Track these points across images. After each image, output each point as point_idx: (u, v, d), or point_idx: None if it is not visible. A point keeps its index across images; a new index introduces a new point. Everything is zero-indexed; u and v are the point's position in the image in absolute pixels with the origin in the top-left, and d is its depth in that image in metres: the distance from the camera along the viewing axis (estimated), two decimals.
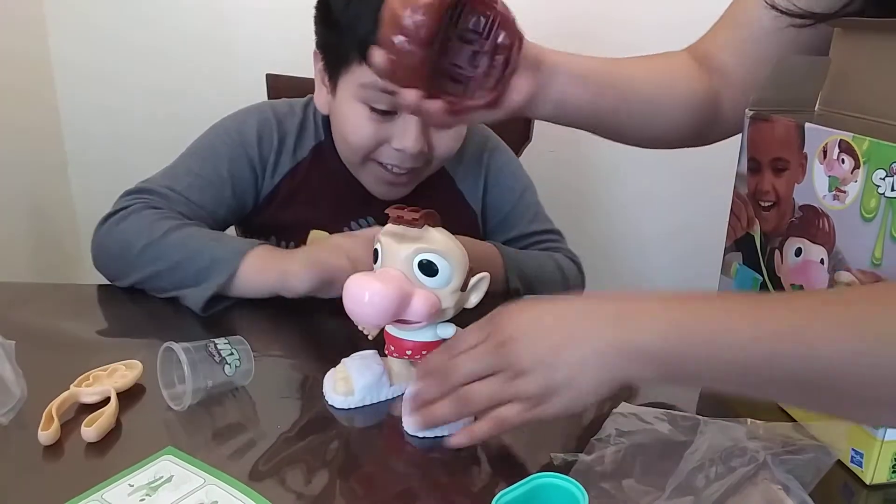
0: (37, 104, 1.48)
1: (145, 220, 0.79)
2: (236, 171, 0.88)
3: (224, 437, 0.56)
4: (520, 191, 1.00)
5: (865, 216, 0.52)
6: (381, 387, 0.61)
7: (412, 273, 0.56)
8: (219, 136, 0.89)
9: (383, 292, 0.54)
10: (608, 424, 0.55)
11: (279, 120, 0.91)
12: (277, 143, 0.90)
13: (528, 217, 0.99)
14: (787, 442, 0.50)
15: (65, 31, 1.47)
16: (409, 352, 0.60)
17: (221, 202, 0.87)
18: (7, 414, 0.56)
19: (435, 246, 0.56)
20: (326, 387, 0.61)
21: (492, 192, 0.98)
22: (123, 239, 0.78)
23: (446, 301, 0.58)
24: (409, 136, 0.80)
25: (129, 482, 0.49)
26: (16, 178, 1.37)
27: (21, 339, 0.61)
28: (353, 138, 0.83)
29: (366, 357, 0.63)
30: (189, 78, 1.48)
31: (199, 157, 0.88)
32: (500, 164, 0.99)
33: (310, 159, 0.91)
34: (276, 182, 0.90)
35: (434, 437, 0.56)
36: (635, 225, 1.63)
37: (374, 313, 0.55)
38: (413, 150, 0.81)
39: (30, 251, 1.44)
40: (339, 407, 0.60)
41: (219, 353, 0.60)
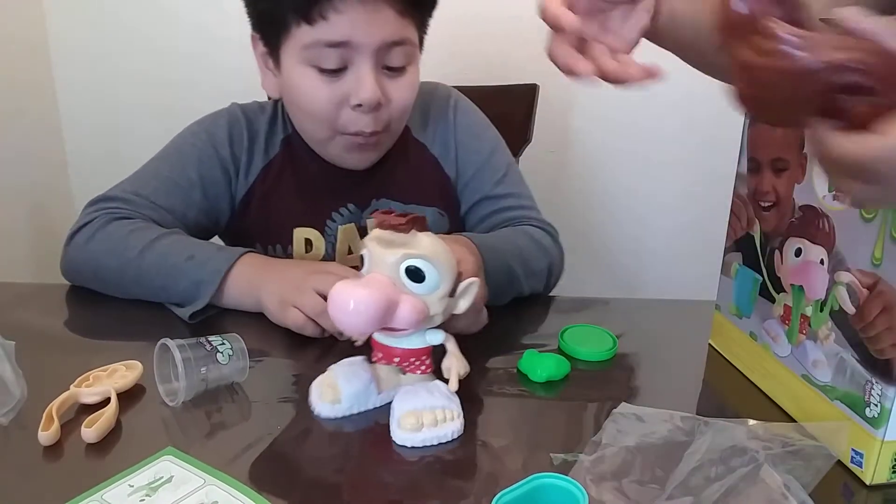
0: (36, 101, 1.47)
1: (114, 237, 0.78)
2: (206, 172, 0.86)
3: (224, 438, 0.56)
4: (488, 152, 0.95)
5: (865, 216, 0.52)
6: (370, 394, 0.60)
7: (399, 279, 0.55)
8: (186, 139, 0.88)
9: (368, 300, 0.52)
10: (608, 424, 0.55)
11: (249, 119, 0.90)
12: (248, 142, 0.89)
13: (495, 178, 0.94)
14: (787, 442, 0.50)
15: (65, 25, 1.47)
16: (398, 359, 0.59)
17: (191, 204, 0.85)
18: (7, 414, 0.56)
19: (422, 251, 0.55)
20: (313, 395, 0.60)
21: (460, 155, 0.95)
22: (94, 260, 0.78)
23: (434, 307, 0.56)
24: (364, 86, 0.78)
25: (129, 482, 0.49)
26: (15, 177, 1.37)
27: (21, 339, 0.62)
28: (311, 106, 0.82)
29: (353, 364, 0.61)
30: (190, 74, 1.48)
31: (167, 161, 0.87)
32: (466, 124, 0.96)
33: (281, 154, 0.90)
34: (250, 183, 0.89)
35: (423, 447, 0.55)
36: (635, 225, 1.63)
37: (359, 321, 0.53)
38: (372, 100, 0.78)
39: (30, 251, 1.44)
40: (326, 416, 0.58)
41: (211, 344, 0.60)
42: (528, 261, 0.83)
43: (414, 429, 0.55)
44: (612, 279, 1.62)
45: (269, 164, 0.90)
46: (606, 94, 1.64)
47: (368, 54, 0.77)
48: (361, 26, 0.76)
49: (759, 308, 0.66)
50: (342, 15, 0.75)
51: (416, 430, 0.55)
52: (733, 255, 0.70)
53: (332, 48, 0.77)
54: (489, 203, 0.94)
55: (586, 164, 1.59)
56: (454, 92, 0.98)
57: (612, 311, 0.86)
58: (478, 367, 0.70)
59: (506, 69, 1.41)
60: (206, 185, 0.86)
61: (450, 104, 0.96)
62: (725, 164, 0.78)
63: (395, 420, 0.56)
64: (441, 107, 0.95)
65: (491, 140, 0.97)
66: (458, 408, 0.58)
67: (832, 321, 0.56)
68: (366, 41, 0.77)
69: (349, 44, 0.76)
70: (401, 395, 0.57)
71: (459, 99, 0.97)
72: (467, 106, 0.98)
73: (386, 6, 0.76)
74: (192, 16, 1.45)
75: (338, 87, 0.79)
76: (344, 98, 0.80)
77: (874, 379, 0.52)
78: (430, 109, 0.95)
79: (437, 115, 0.95)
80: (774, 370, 0.64)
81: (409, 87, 0.84)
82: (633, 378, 0.69)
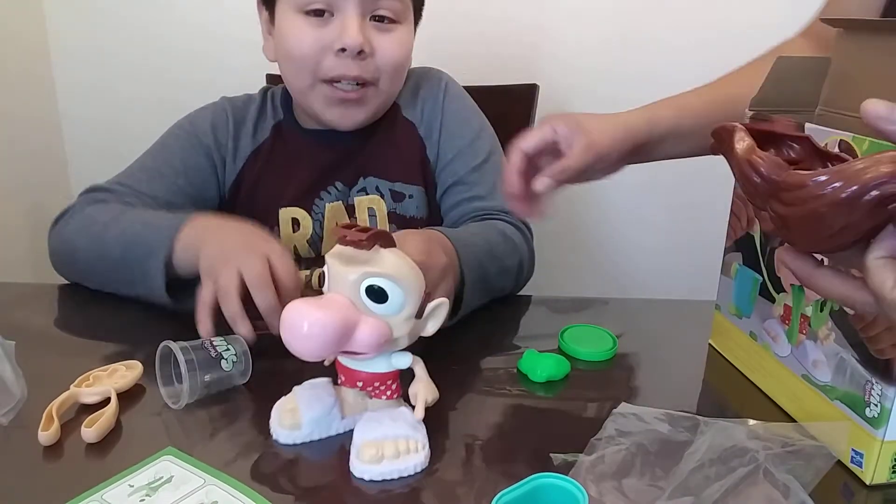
0: (36, 100, 1.47)
1: (87, 218, 0.80)
2: (190, 160, 0.89)
3: (224, 438, 0.56)
4: (471, 137, 0.94)
5: None
6: (332, 420, 0.56)
7: (359, 299, 0.50)
8: (171, 133, 0.92)
9: (323, 321, 0.48)
10: (608, 424, 0.55)
11: (235, 107, 0.93)
12: (234, 129, 0.91)
13: (473, 165, 0.92)
14: (787, 442, 0.50)
15: (65, 25, 1.47)
16: (361, 383, 0.55)
17: (176, 191, 0.87)
18: (7, 414, 0.56)
19: (385, 269, 0.50)
20: (273, 419, 0.56)
21: (444, 137, 0.94)
22: (69, 242, 0.80)
23: (398, 330, 0.52)
24: (349, 31, 0.80)
25: (130, 482, 0.49)
26: (15, 177, 1.37)
27: (21, 339, 0.62)
28: (296, 51, 0.83)
29: (316, 386, 0.57)
30: (190, 75, 1.48)
31: (151, 154, 0.90)
32: (455, 108, 0.96)
33: (270, 139, 0.92)
34: (238, 168, 0.92)
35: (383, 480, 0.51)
36: (635, 225, 1.63)
37: (313, 346, 0.48)
38: (354, 44, 0.80)
39: (29, 250, 1.44)
40: (285, 442, 0.55)
41: (215, 349, 0.60)
42: (499, 257, 0.80)
43: (373, 461, 0.51)
44: (612, 279, 1.62)
45: (258, 150, 0.92)
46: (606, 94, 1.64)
47: (355, 2, 0.80)
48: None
49: (759, 308, 0.66)
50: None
51: (375, 462, 0.51)
52: (733, 255, 0.70)
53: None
54: (462, 189, 0.91)
55: None
56: (446, 75, 0.98)
57: (612, 311, 0.86)
58: (478, 367, 0.70)
59: (506, 69, 1.41)
60: (189, 172, 0.89)
61: (441, 86, 0.96)
62: (725, 164, 0.78)
63: (354, 449, 0.53)
64: (432, 87, 0.96)
65: (476, 127, 0.96)
66: (424, 438, 0.54)
67: (832, 321, 0.56)
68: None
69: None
70: (362, 424, 0.54)
71: (450, 82, 0.98)
72: (457, 90, 0.98)
73: None
74: (191, 15, 1.45)
75: (324, 32, 0.82)
76: (329, 43, 0.82)
77: (874, 379, 0.52)
78: (421, 90, 0.95)
79: (427, 95, 0.95)
80: (774, 370, 0.64)
81: (398, 43, 0.85)
82: (633, 378, 0.69)
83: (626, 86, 1.54)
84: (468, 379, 0.68)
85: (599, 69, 1.52)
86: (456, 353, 0.72)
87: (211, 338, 0.62)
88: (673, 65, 1.52)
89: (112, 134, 1.54)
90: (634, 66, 1.52)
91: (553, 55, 1.50)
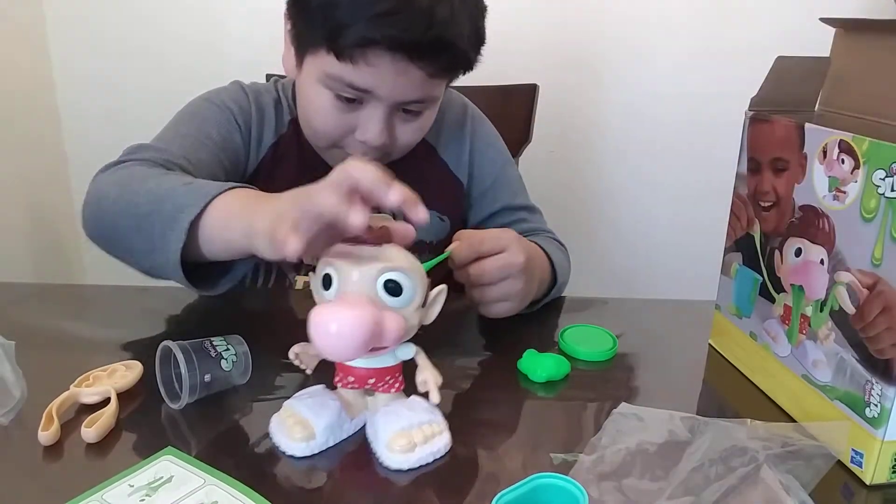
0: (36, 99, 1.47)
1: (131, 174, 0.71)
2: (225, 133, 0.84)
3: (224, 438, 0.56)
4: (501, 163, 0.98)
5: (865, 216, 0.52)
6: (343, 423, 0.55)
7: (377, 295, 0.50)
8: (199, 105, 0.86)
9: (357, 321, 0.47)
10: (608, 424, 0.55)
11: (256, 93, 0.89)
12: (257, 114, 0.87)
13: (512, 189, 0.97)
14: (787, 442, 0.50)
15: (64, 35, 1.47)
16: (373, 380, 0.55)
17: (218, 163, 0.82)
18: (7, 414, 0.56)
19: (398, 263, 0.51)
20: (278, 436, 0.54)
21: (475, 163, 0.96)
22: (101, 189, 0.71)
23: (412, 320, 0.53)
24: (372, 128, 0.77)
25: (129, 482, 0.49)
26: (15, 176, 1.37)
27: (21, 339, 0.62)
28: (318, 125, 0.81)
29: (315, 394, 0.56)
30: (188, 80, 1.47)
31: (184, 123, 0.83)
32: (483, 133, 0.97)
33: (289, 133, 0.89)
34: (259, 157, 0.88)
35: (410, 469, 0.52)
36: (635, 225, 1.63)
37: (349, 346, 0.48)
38: (376, 143, 0.78)
39: (30, 251, 1.44)
40: (301, 455, 0.53)
41: (215, 349, 0.60)
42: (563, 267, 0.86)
43: (407, 450, 0.52)
44: (612, 279, 1.62)
45: (278, 142, 0.89)
46: (606, 94, 1.64)
47: (386, 104, 0.77)
48: (387, 82, 0.74)
49: (759, 308, 0.66)
50: (371, 67, 0.73)
51: (409, 451, 0.52)
52: (733, 255, 0.70)
53: (353, 88, 0.75)
54: (510, 213, 0.96)
55: (586, 163, 1.59)
56: (469, 104, 0.99)
57: (612, 311, 0.86)
58: (478, 367, 0.70)
59: (506, 69, 1.41)
60: (227, 146, 0.84)
61: (467, 113, 0.97)
62: (725, 164, 0.78)
63: (381, 444, 0.53)
64: (457, 114, 0.96)
65: (503, 151, 1.00)
66: (443, 420, 0.56)
67: (832, 321, 0.56)
68: (387, 95, 0.76)
69: (370, 92, 0.75)
70: (383, 418, 0.54)
71: (474, 109, 0.99)
72: (481, 116, 1.00)
73: (416, 69, 0.74)
74: (191, 9, 1.45)
75: (349, 118, 0.78)
76: (351, 128, 0.79)
77: (874, 379, 0.52)
78: (445, 115, 0.94)
79: (452, 121, 0.95)
80: (774, 370, 0.64)
81: (419, 130, 0.84)
82: (633, 378, 0.69)
83: (627, 86, 1.54)
84: (468, 379, 0.68)
85: (599, 69, 1.52)
86: (456, 353, 0.72)
87: (211, 338, 0.62)
88: (675, 62, 1.52)
89: (112, 129, 1.54)
90: (635, 66, 1.52)
91: (554, 55, 1.50)
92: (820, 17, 0.69)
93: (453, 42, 0.73)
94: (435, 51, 0.72)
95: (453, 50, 0.74)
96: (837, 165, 0.54)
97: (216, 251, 0.63)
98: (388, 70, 0.73)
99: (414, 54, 0.72)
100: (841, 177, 0.54)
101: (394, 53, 0.71)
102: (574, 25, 1.49)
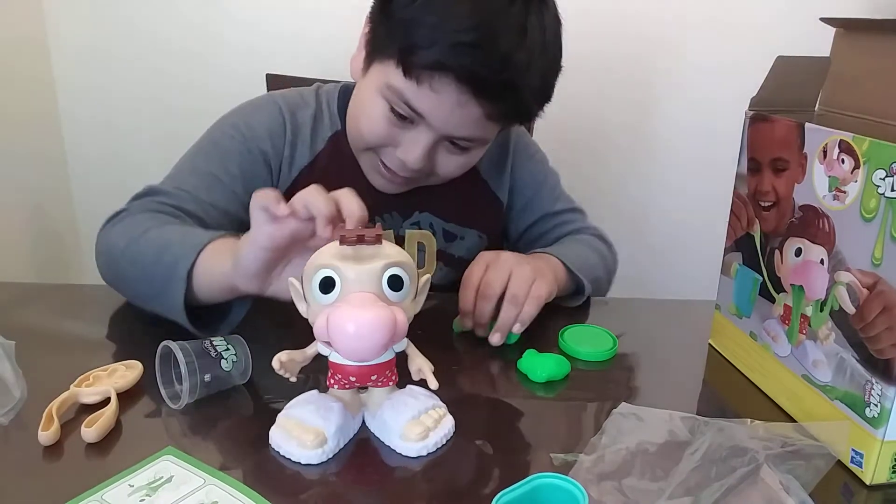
0: (36, 101, 1.47)
1: (135, 223, 0.74)
2: (247, 166, 0.83)
3: (224, 438, 0.56)
4: (543, 174, 0.98)
5: (865, 216, 0.52)
6: (349, 423, 0.56)
7: (382, 291, 0.51)
8: (225, 132, 0.85)
9: (380, 321, 0.48)
10: (608, 424, 0.55)
11: (292, 111, 0.87)
12: (291, 135, 0.85)
13: (553, 197, 0.97)
14: (787, 442, 0.50)
15: (65, 25, 1.47)
16: (375, 376, 0.55)
17: (233, 199, 0.81)
18: (7, 414, 0.56)
19: (398, 258, 0.53)
20: (289, 447, 0.53)
21: (516, 178, 0.96)
22: (109, 241, 0.75)
23: (409, 312, 0.54)
24: (414, 151, 0.77)
25: (129, 482, 0.49)
26: (15, 177, 1.37)
27: (21, 339, 0.62)
28: (366, 130, 0.80)
29: (312, 400, 0.56)
30: (189, 75, 1.48)
31: (205, 155, 0.84)
32: (523, 146, 0.97)
33: (327, 150, 0.87)
34: (293, 177, 0.86)
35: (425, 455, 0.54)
36: (635, 225, 1.63)
37: (375, 346, 0.49)
38: (413, 166, 0.78)
39: (30, 251, 1.44)
40: (318, 462, 0.53)
41: (215, 349, 0.60)
42: (609, 265, 0.90)
43: (423, 437, 0.54)
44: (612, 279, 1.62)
45: (315, 160, 0.87)
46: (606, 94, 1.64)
47: (436, 132, 0.76)
48: (444, 112, 0.74)
49: (759, 308, 0.66)
50: (434, 93, 0.72)
51: (425, 438, 0.54)
52: (733, 255, 0.70)
53: (408, 106, 0.74)
54: (550, 219, 0.96)
55: (586, 164, 1.59)
56: None
57: (612, 311, 0.86)
58: (478, 367, 0.70)
59: None
60: (247, 179, 0.83)
61: (510, 132, 0.95)
62: (725, 164, 0.78)
63: (395, 435, 0.54)
64: (502, 137, 0.94)
65: (543, 161, 0.99)
66: (442, 403, 0.58)
67: (832, 321, 0.56)
68: (440, 124, 0.75)
69: (424, 117, 0.75)
70: (391, 410, 0.55)
71: (520, 131, 0.98)
72: (524, 133, 0.99)
73: (476, 105, 0.73)
74: (193, 16, 1.45)
75: (396, 132, 0.78)
76: (395, 143, 0.78)
77: (874, 379, 0.52)
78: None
79: (495, 142, 0.93)
80: (774, 370, 0.64)
81: (462, 167, 0.83)
82: (633, 378, 0.69)
83: (627, 86, 1.54)
84: (468, 379, 0.68)
85: (599, 69, 1.52)
86: (456, 353, 0.72)
87: (211, 338, 0.62)
88: (674, 63, 1.52)
89: (112, 134, 1.54)
90: (635, 66, 1.52)
91: None
92: (820, 17, 0.69)
93: (521, 89, 0.73)
94: (501, 93, 0.72)
95: (519, 97, 0.74)
96: (837, 165, 0.54)
97: (209, 292, 0.66)
98: (449, 99, 0.72)
99: (479, 91, 0.71)
100: (841, 177, 0.54)
101: (460, 84, 0.71)
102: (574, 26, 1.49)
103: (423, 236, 0.63)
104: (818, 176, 0.57)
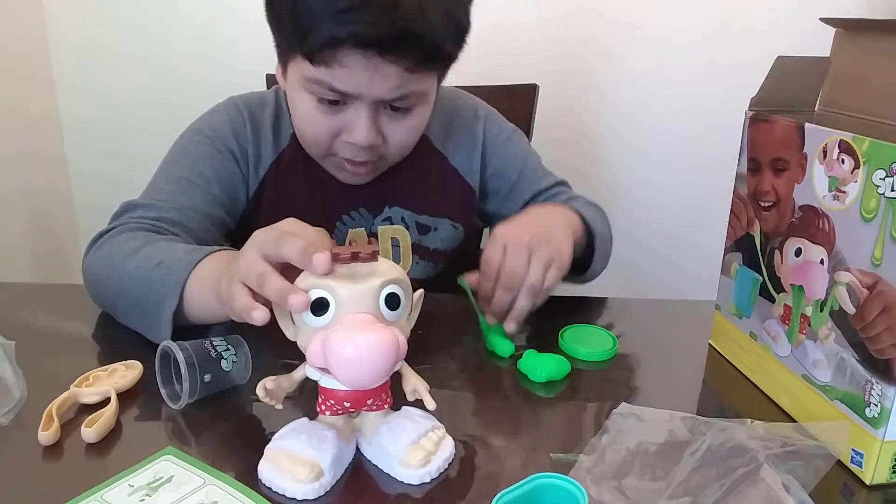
0: (36, 101, 1.48)
1: (114, 247, 0.73)
2: (219, 166, 0.84)
3: (224, 438, 0.56)
4: (524, 154, 0.97)
5: (865, 216, 0.52)
6: (343, 452, 0.52)
7: (379, 311, 0.49)
8: (192, 139, 0.85)
9: (386, 345, 0.46)
10: (608, 424, 0.55)
11: (251, 111, 0.87)
12: (252, 133, 0.86)
13: (538, 175, 0.97)
14: (787, 442, 0.50)
15: (65, 25, 1.47)
16: (370, 400, 0.51)
17: (212, 201, 0.82)
18: (7, 414, 0.56)
19: (394, 275, 0.50)
20: (280, 482, 0.49)
21: (494, 163, 0.95)
22: (93, 271, 0.74)
23: (406, 330, 0.51)
24: (359, 128, 0.76)
25: (129, 482, 0.49)
26: (15, 177, 1.37)
27: (21, 339, 0.62)
28: (307, 131, 0.80)
29: (303, 430, 0.52)
30: (190, 75, 1.48)
31: (177, 164, 0.84)
32: (497, 130, 0.96)
33: (291, 147, 0.87)
34: (260, 177, 0.87)
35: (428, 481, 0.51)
36: (635, 225, 1.63)
37: (381, 371, 0.47)
38: (364, 143, 0.77)
39: (30, 251, 1.44)
40: (316, 496, 0.49)
41: (215, 349, 0.60)
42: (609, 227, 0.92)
43: (424, 463, 0.51)
44: (612, 279, 1.62)
45: (280, 158, 0.87)
46: (606, 94, 1.64)
47: (367, 102, 0.75)
48: (363, 81, 0.73)
49: (759, 308, 0.66)
50: (345, 68, 0.71)
51: (427, 463, 0.51)
52: (733, 255, 0.70)
53: (332, 90, 0.74)
54: (542, 195, 0.96)
55: (586, 163, 1.59)
56: (481, 104, 0.97)
57: (612, 311, 0.86)
58: (478, 367, 0.70)
59: (506, 69, 1.41)
60: (222, 179, 0.83)
61: (478, 115, 0.95)
62: (725, 164, 0.78)
63: (394, 461, 0.51)
64: (466, 120, 0.94)
65: (522, 143, 0.99)
66: (441, 423, 0.55)
67: (832, 321, 0.56)
68: (366, 94, 0.74)
69: (349, 94, 0.74)
70: (389, 435, 0.52)
71: (486, 109, 0.97)
72: (493, 113, 0.98)
73: (388, 64, 0.71)
74: (192, 15, 1.45)
75: (335, 119, 0.77)
76: (339, 130, 0.78)
77: (874, 379, 0.52)
78: (454, 122, 0.93)
79: (462, 128, 0.94)
80: (774, 370, 0.64)
81: (411, 130, 0.81)
82: (633, 378, 0.69)
83: (627, 86, 1.54)
84: (468, 379, 0.68)
85: (600, 69, 1.52)
86: (456, 353, 0.72)
87: (211, 338, 0.62)
88: (675, 62, 1.52)
89: (112, 135, 1.54)
90: (635, 66, 1.52)
91: (555, 56, 1.50)
92: (820, 17, 0.69)
93: (423, 35, 0.70)
94: (404, 45, 0.70)
95: (424, 42, 0.71)
96: (837, 165, 0.54)
97: (199, 321, 0.67)
98: (361, 69, 0.72)
99: (382, 50, 0.70)
100: (841, 177, 0.54)
101: (363, 51, 0.70)
102: (574, 26, 1.49)
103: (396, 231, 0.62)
104: (818, 176, 0.57)
